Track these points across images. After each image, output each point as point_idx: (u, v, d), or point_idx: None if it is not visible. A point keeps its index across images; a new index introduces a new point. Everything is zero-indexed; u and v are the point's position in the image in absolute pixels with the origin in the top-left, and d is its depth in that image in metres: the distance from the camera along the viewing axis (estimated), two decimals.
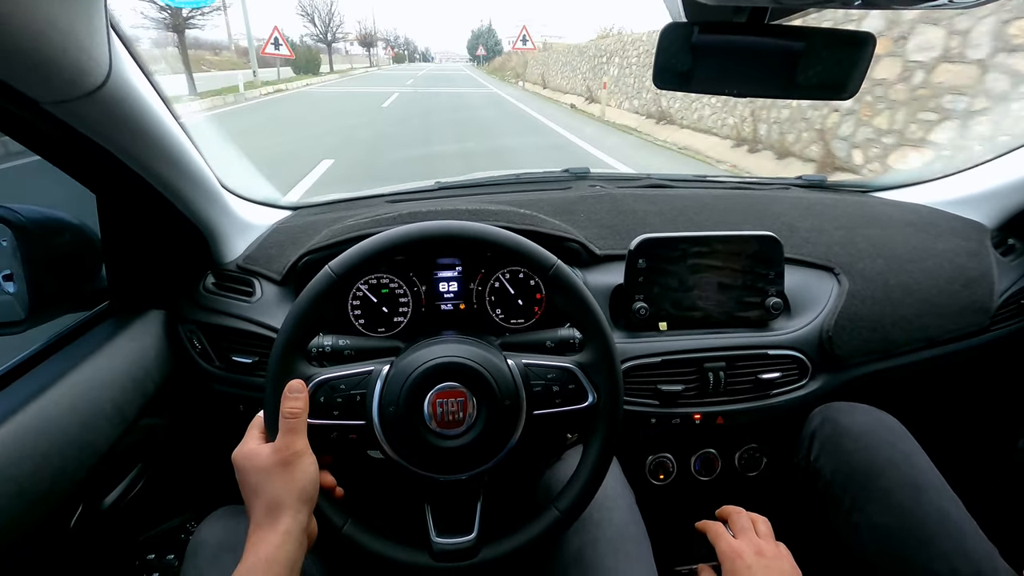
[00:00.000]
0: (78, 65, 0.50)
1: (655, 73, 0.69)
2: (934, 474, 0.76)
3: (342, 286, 0.63)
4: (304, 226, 1.01)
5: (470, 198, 1.13)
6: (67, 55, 0.47)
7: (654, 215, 1.07)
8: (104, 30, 0.51)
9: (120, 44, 0.56)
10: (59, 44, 0.46)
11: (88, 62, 0.50)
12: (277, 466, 0.54)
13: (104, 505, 0.73)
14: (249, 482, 0.55)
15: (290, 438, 0.56)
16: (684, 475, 1.00)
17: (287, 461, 0.54)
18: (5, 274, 0.72)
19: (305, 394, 0.58)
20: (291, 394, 0.58)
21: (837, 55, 0.65)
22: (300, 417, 0.57)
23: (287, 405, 0.57)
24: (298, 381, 0.59)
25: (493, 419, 0.61)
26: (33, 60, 0.45)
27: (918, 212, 1.15)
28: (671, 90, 0.71)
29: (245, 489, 0.56)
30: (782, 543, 0.71)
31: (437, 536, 0.62)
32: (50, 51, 0.45)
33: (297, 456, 0.55)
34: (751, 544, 0.69)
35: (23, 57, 0.45)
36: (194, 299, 0.90)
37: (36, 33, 0.43)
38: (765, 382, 0.91)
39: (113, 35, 0.54)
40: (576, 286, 0.65)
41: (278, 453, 0.55)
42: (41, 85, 0.50)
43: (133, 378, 0.77)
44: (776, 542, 0.71)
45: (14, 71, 0.47)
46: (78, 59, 0.49)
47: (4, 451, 0.57)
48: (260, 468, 0.54)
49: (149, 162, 0.68)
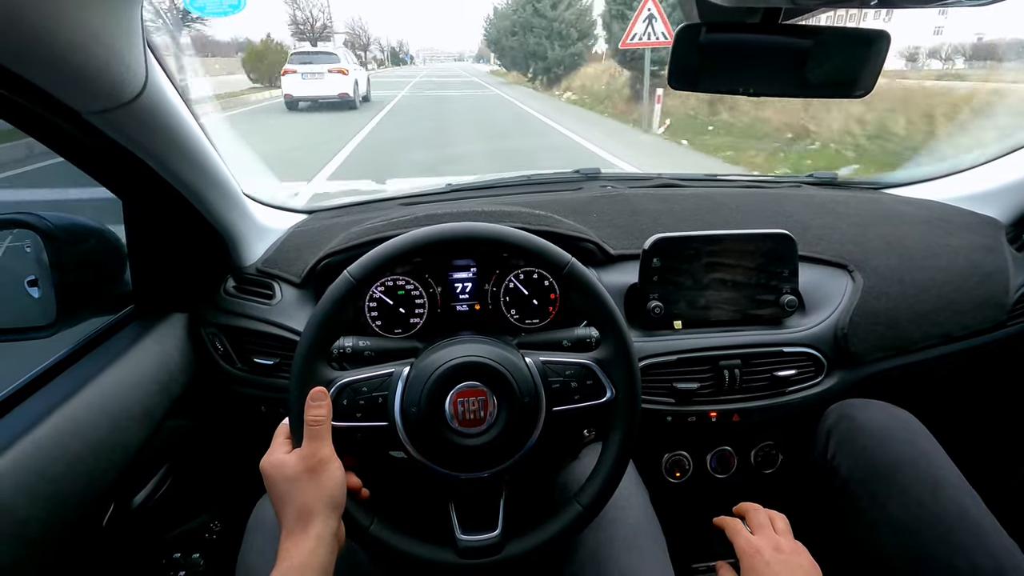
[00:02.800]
0: (118, 76, 0.51)
1: (668, 74, 0.70)
2: (952, 470, 0.76)
3: (361, 289, 0.64)
4: (321, 229, 1.02)
5: (482, 200, 1.14)
6: (109, 67, 0.49)
7: (666, 215, 1.07)
8: (141, 42, 0.53)
9: (153, 55, 0.58)
10: (102, 57, 0.47)
11: (127, 73, 0.52)
12: (304, 473, 0.55)
13: (134, 504, 0.75)
14: (278, 490, 0.56)
15: (316, 445, 0.57)
16: (700, 473, 1.00)
17: (314, 468, 0.56)
18: (30, 279, 0.74)
19: (328, 401, 0.59)
20: (314, 402, 0.58)
21: (848, 52, 0.66)
22: (324, 424, 0.58)
23: (311, 412, 0.58)
24: (320, 389, 0.60)
25: (514, 417, 0.62)
26: (78, 72, 0.47)
27: (931, 208, 1.15)
28: (683, 90, 0.72)
29: (275, 497, 0.57)
30: (799, 540, 0.71)
31: (462, 533, 0.63)
32: (94, 64, 0.47)
33: (323, 463, 0.56)
34: (769, 540, 0.69)
35: (69, 70, 0.46)
36: (215, 302, 0.91)
37: (81, 47, 0.45)
38: (781, 379, 0.91)
39: (147, 47, 0.56)
40: (591, 282, 0.66)
41: (305, 461, 0.56)
42: (84, 96, 0.52)
43: (159, 380, 0.79)
44: (794, 539, 0.71)
45: (60, 83, 0.49)
46: (119, 70, 0.51)
47: (40, 452, 0.59)
48: (288, 477, 0.56)
49: (178, 168, 0.70)
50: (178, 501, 0.87)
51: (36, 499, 0.57)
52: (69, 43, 0.44)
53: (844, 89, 0.69)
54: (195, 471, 0.91)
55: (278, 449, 0.59)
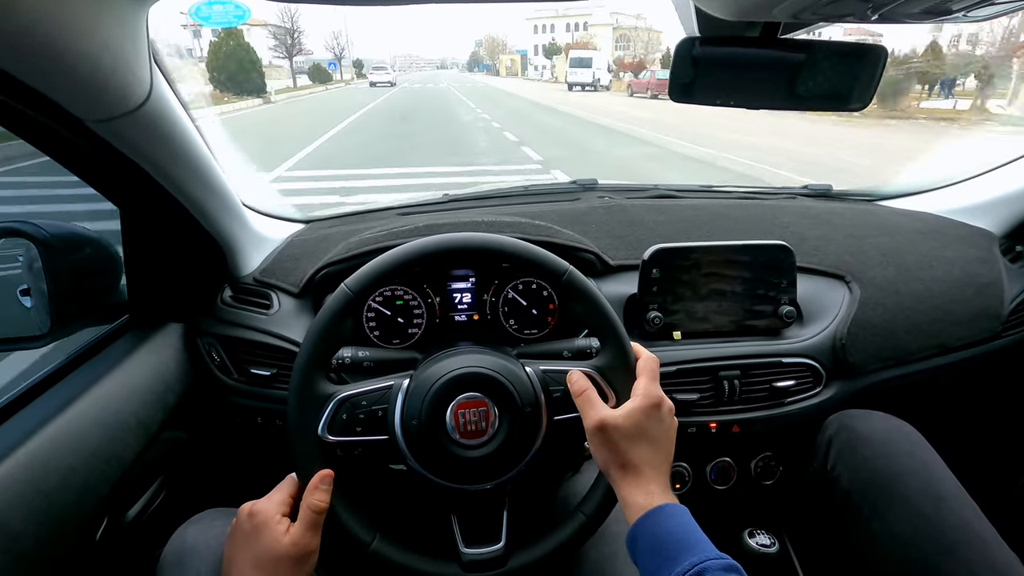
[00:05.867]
0: (124, 85, 0.51)
1: (669, 86, 0.71)
2: (953, 482, 0.76)
3: (359, 302, 0.63)
4: (319, 239, 1.02)
5: (480, 210, 1.14)
6: (115, 76, 0.49)
7: (664, 225, 1.08)
8: (147, 51, 0.53)
9: (157, 65, 0.58)
10: (109, 66, 0.47)
11: (132, 82, 0.52)
12: (291, 559, 0.54)
13: (127, 518, 0.73)
14: (254, 551, 0.55)
15: (310, 535, 0.56)
16: (700, 484, 1.00)
17: (301, 559, 0.55)
18: (22, 288, 0.73)
19: (331, 487, 0.58)
20: (321, 486, 0.57)
21: (841, 67, 0.67)
22: (324, 512, 0.57)
23: (315, 496, 0.57)
24: (328, 472, 0.59)
25: (515, 427, 0.62)
26: (85, 82, 0.47)
27: (925, 220, 1.16)
28: (681, 102, 0.73)
29: (244, 550, 0.55)
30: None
31: (465, 547, 0.62)
32: (101, 73, 0.47)
33: (310, 555, 0.56)
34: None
35: (77, 79, 0.46)
36: (212, 312, 0.90)
37: (90, 57, 0.45)
38: (780, 390, 0.91)
39: (152, 56, 0.56)
40: (590, 290, 0.65)
41: (296, 548, 0.55)
42: (89, 104, 0.52)
43: (154, 391, 0.77)
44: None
45: (67, 92, 0.49)
46: (124, 79, 0.51)
47: (35, 465, 0.58)
48: (276, 557, 0.54)
49: (178, 177, 0.70)
50: (172, 514, 0.85)
51: (30, 512, 0.56)
52: (79, 53, 0.44)
53: (838, 102, 0.70)
54: (190, 484, 0.90)
55: (276, 510, 0.57)
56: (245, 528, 0.56)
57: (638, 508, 0.54)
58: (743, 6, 0.54)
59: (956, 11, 0.47)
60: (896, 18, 0.49)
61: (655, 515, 0.53)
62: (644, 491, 0.55)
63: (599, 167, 7.69)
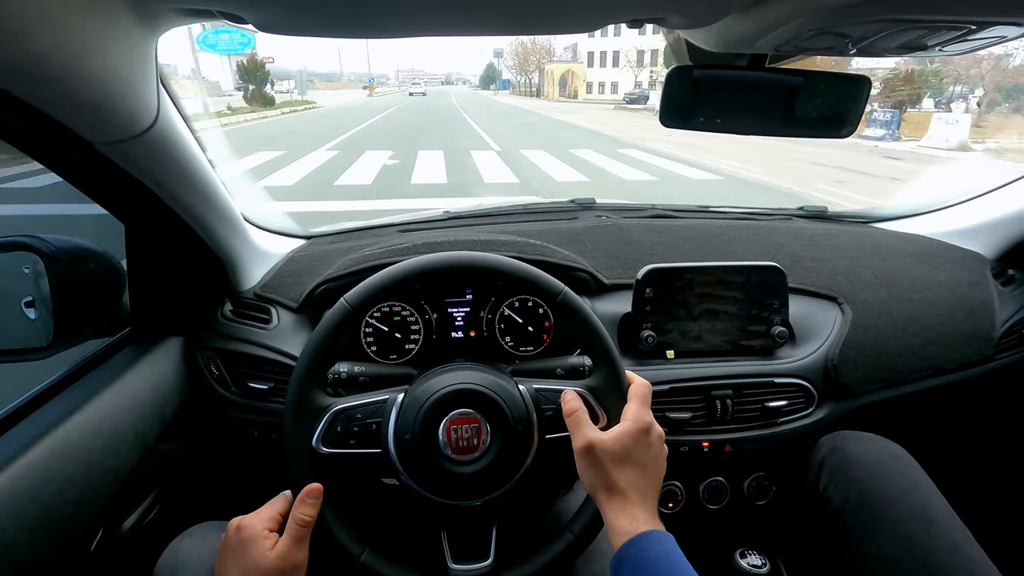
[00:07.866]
0: (133, 109, 0.54)
1: (661, 112, 0.73)
2: (943, 504, 0.77)
3: (357, 317, 0.64)
4: (319, 255, 1.03)
5: (479, 228, 1.16)
6: (124, 101, 0.51)
7: (659, 245, 1.09)
8: (155, 77, 0.55)
9: (164, 89, 0.60)
10: (119, 92, 0.50)
11: (140, 106, 0.55)
12: (277, 573, 0.55)
13: (123, 530, 0.74)
14: (240, 565, 0.55)
15: (296, 549, 0.56)
16: (693, 503, 1.00)
17: (287, 572, 0.55)
18: (27, 300, 0.74)
19: (318, 501, 0.59)
20: (308, 499, 0.58)
21: (835, 92, 0.69)
22: (311, 526, 0.58)
23: (302, 510, 0.57)
24: (316, 486, 0.59)
25: (507, 444, 0.63)
26: (96, 106, 0.49)
27: (918, 243, 1.17)
28: (676, 128, 0.74)
29: (232, 564, 0.56)
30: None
31: (453, 563, 0.62)
32: (111, 98, 0.50)
33: (297, 568, 0.56)
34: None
35: (88, 104, 0.49)
36: (212, 326, 0.92)
37: (101, 82, 0.47)
38: (772, 410, 0.92)
39: (160, 81, 0.58)
40: (583, 311, 0.67)
41: (283, 561, 0.55)
42: (99, 128, 0.54)
43: (153, 403, 0.79)
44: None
45: (77, 116, 0.51)
46: (133, 104, 0.53)
47: (34, 475, 0.59)
48: (260, 567, 0.55)
49: (183, 196, 0.72)
50: (167, 526, 0.86)
51: (26, 522, 0.57)
52: (90, 80, 0.46)
53: (832, 127, 0.72)
54: (185, 496, 0.90)
55: (264, 525, 0.57)
56: (233, 542, 0.57)
57: (623, 533, 0.54)
58: (728, 39, 0.56)
59: (931, 46, 0.49)
60: (874, 52, 0.51)
61: (642, 541, 0.53)
62: (629, 516, 0.55)
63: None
